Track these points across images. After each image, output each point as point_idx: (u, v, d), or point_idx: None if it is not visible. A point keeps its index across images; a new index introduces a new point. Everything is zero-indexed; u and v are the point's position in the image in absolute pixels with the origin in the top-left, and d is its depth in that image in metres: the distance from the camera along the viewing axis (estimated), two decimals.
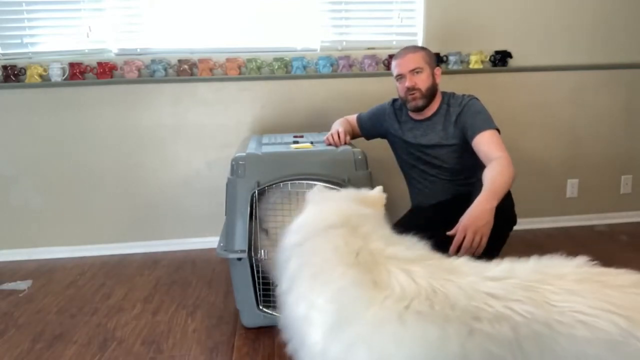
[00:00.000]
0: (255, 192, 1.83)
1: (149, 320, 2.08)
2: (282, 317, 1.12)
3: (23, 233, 2.86)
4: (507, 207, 1.76)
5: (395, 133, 2.21)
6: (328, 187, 1.62)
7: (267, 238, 1.88)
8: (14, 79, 2.69)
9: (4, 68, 2.67)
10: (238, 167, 1.88)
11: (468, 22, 2.90)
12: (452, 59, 2.90)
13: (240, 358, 1.78)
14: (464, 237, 1.54)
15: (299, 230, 1.19)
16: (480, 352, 0.87)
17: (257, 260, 1.86)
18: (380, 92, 2.57)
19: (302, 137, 2.35)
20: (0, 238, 2.85)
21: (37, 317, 2.15)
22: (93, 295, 2.35)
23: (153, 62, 2.75)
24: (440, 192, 2.13)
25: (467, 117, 1.99)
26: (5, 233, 2.85)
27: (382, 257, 1.05)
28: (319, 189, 1.40)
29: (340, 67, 2.86)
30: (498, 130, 1.93)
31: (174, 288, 2.40)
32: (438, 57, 2.84)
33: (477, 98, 2.06)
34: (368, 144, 2.38)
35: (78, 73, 2.72)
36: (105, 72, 2.72)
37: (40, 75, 2.70)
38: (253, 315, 1.92)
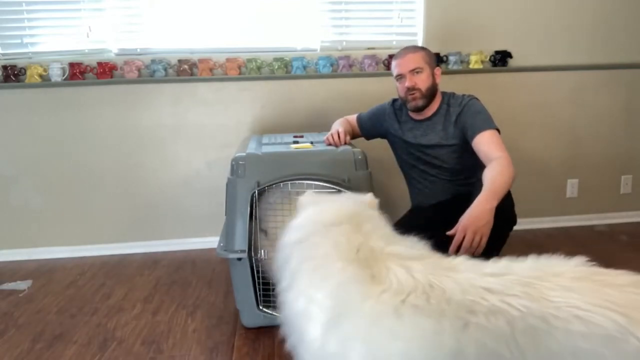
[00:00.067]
0: (255, 192, 1.83)
1: (149, 320, 2.08)
2: (282, 314, 1.12)
3: (23, 233, 2.86)
4: (507, 207, 1.76)
5: (395, 133, 2.21)
6: (319, 191, 1.62)
7: (266, 238, 1.88)
8: (14, 79, 2.69)
9: (4, 68, 2.67)
10: (238, 167, 1.88)
11: (468, 22, 2.90)
12: (452, 59, 2.89)
13: (240, 358, 1.78)
14: (464, 237, 1.54)
15: (301, 228, 1.19)
16: (476, 345, 0.87)
17: (257, 260, 1.86)
18: (380, 92, 2.57)
19: (302, 137, 2.35)
20: (0, 238, 2.85)
21: (37, 317, 2.15)
22: (93, 295, 2.35)
23: (153, 62, 2.75)
24: (440, 192, 2.13)
25: (467, 117, 1.99)
26: (5, 233, 2.85)
27: (382, 254, 1.05)
28: (310, 194, 1.39)
29: (340, 67, 2.86)
30: (498, 130, 1.93)
31: (174, 288, 2.40)
32: (438, 57, 2.84)
33: (477, 98, 2.06)
34: (368, 144, 2.38)
35: (78, 73, 2.72)
36: (105, 72, 2.72)
37: (40, 75, 2.70)
38: (253, 315, 1.92)
